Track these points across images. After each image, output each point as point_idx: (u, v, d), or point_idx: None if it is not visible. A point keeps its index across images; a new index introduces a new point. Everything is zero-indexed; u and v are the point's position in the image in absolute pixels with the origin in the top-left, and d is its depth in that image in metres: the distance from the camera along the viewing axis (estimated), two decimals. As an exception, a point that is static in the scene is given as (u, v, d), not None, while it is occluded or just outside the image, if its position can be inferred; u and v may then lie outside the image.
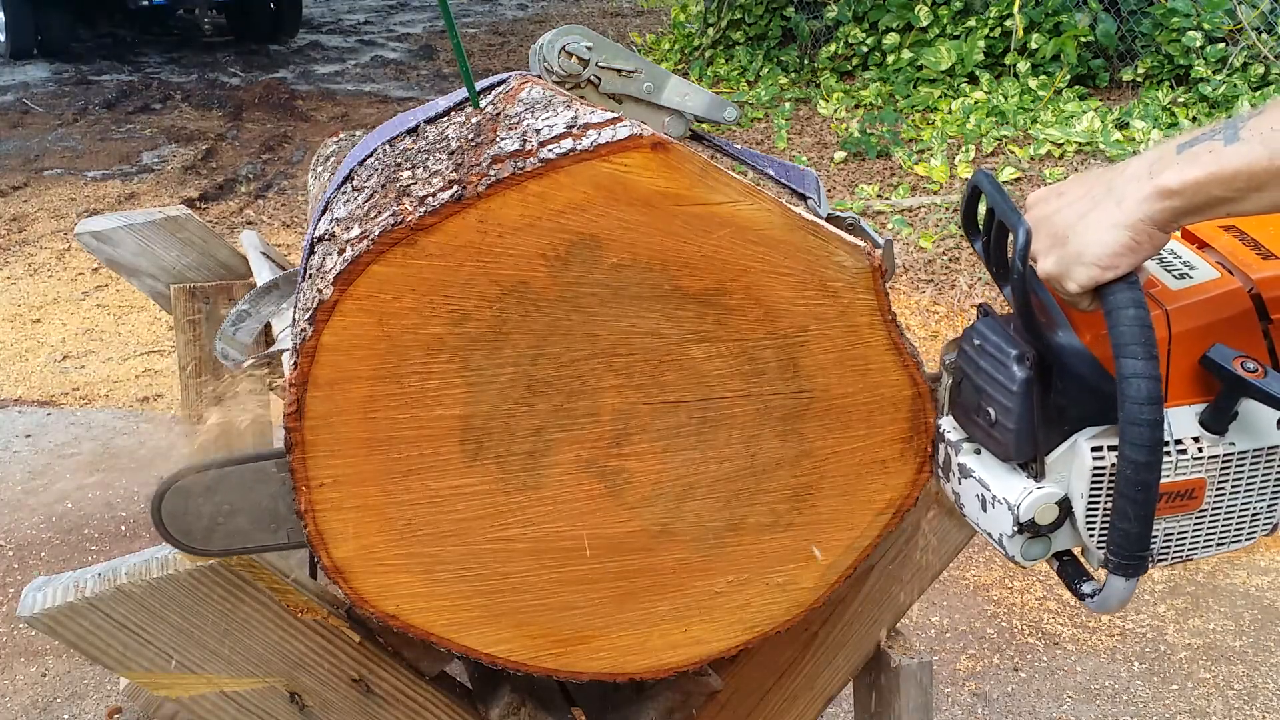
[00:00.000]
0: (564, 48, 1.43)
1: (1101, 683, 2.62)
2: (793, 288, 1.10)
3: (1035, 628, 2.82)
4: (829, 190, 5.40)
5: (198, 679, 1.23)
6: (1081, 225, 0.98)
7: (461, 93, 1.28)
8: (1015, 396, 1.04)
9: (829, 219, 1.38)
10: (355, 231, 1.05)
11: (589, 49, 1.44)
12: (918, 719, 1.56)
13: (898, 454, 1.20)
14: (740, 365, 1.12)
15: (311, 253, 1.21)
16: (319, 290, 1.02)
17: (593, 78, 1.46)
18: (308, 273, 1.18)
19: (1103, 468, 1.04)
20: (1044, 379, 1.04)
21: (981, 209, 1.08)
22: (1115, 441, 1.00)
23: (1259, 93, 5.80)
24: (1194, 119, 5.68)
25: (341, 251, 1.04)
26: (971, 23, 6.79)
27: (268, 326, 1.67)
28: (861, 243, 1.12)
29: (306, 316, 1.02)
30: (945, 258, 4.93)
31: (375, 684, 1.31)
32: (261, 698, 1.27)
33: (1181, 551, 1.10)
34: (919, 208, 5.38)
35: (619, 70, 1.47)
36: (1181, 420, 1.04)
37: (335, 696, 1.30)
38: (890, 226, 5.16)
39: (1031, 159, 5.59)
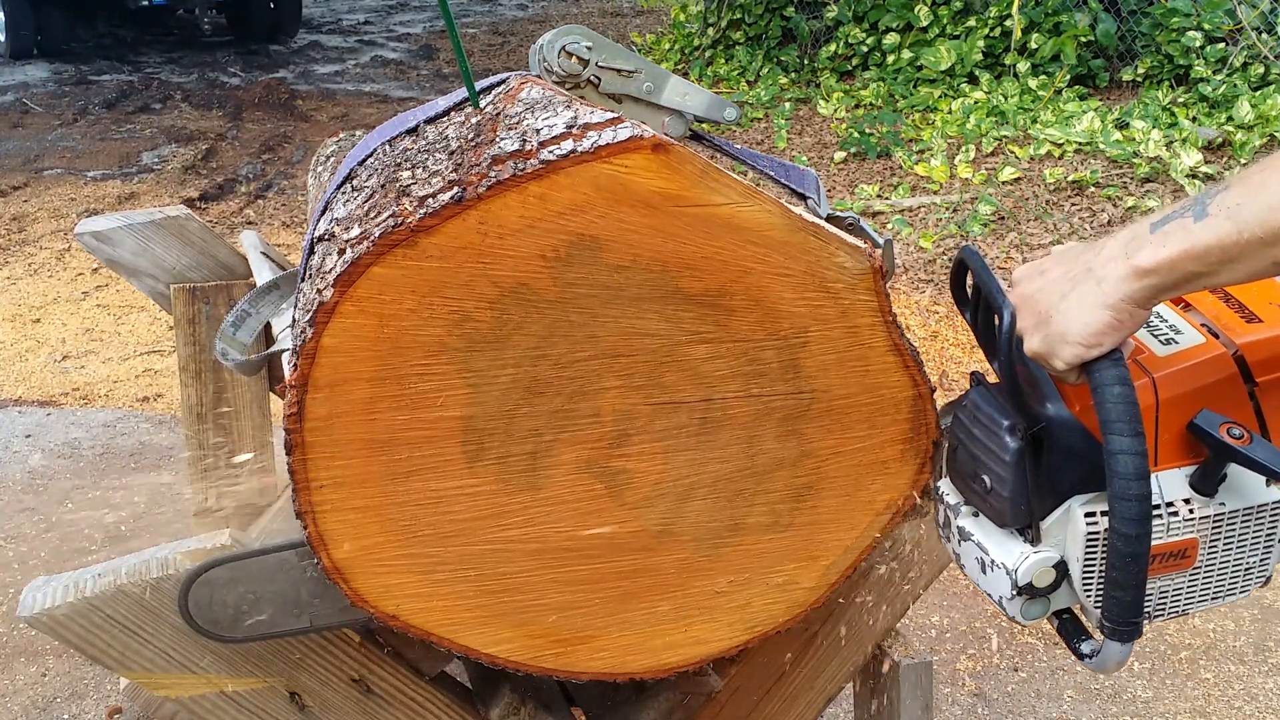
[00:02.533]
0: (564, 48, 1.43)
1: (1101, 683, 2.62)
2: (793, 289, 1.10)
3: (1035, 627, 2.82)
4: (829, 190, 5.40)
5: (198, 679, 1.23)
6: (1064, 305, 1.01)
7: (461, 93, 1.28)
8: (1009, 466, 1.06)
9: (829, 219, 1.38)
10: (355, 232, 1.05)
11: (589, 49, 1.44)
12: (918, 719, 1.56)
13: (898, 455, 1.20)
14: (741, 366, 1.12)
15: (311, 253, 1.21)
16: (319, 292, 1.01)
17: (593, 78, 1.46)
18: (308, 273, 1.18)
19: (1096, 533, 1.07)
20: (1036, 448, 1.07)
21: (969, 280, 1.11)
22: (1107, 507, 1.02)
23: (1259, 93, 5.80)
24: (1194, 119, 5.68)
25: (341, 252, 1.04)
26: (971, 23, 6.79)
27: (268, 326, 1.66)
28: (862, 243, 1.12)
29: (306, 318, 1.02)
30: (945, 258, 4.93)
31: (375, 684, 1.31)
32: (261, 698, 1.27)
33: (1177, 608, 1.12)
34: (919, 208, 5.38)
35: (619, 70, 1.47)
36: (1172, 483, 1.07)
37: (335, 696, 1.30)
38: (890, 226, 5.16)
39: (1031, 159, 5.59)
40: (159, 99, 8.31)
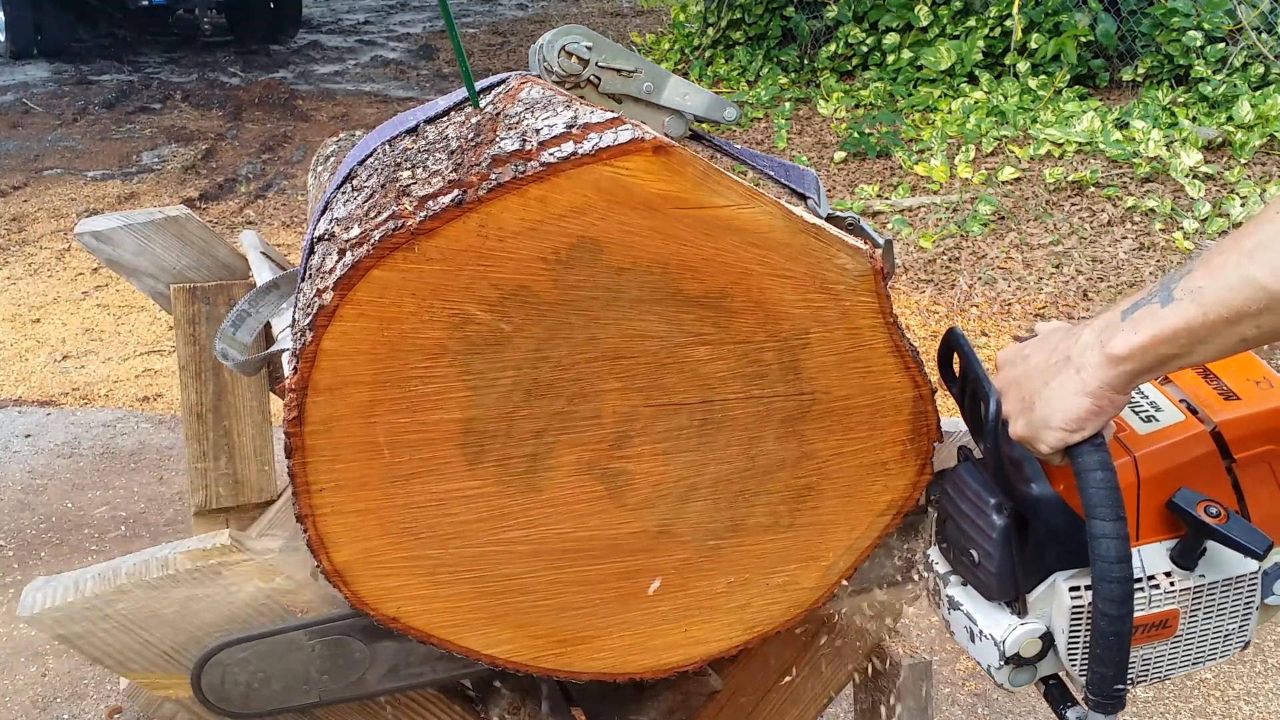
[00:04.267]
0: (564, 47, 1.43)
1: (1101, 683, 2.62)
2: (794, 290, 1.10)
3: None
4: (829, 190, 5.40)
5: (198, 680, 1.23)
6: (1047, 392, 1.03)
7: (461, 92, 1.28)
8: (995, 543, 1.10)
9: (829, 219, 1.37)
10: (355, 232, 1.04)
11: (589, 49, 1.44)
12: (918, 719, 1.56)
13: (899, 455, 1.20)
14: (741, 367, 1.12)
15: (311, 253, 1.21)
16: (319, 294, 1.01)
17: (592, 78, 1.46)
18: (307, 273, 1.18)
19: (1081, 606, 1.10)
20: (1021, 526, 1.10)
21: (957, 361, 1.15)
22: (1090, 583, 1.05)
23: (1259, 93, 5.80)
24: (1194, 119, 5.68)
25: (341, 253, 1.03)
26: (971, 23, 6.79)
27: (268, 326, 1.66)
28: (862, 244, 1.12)
29: (306, 321, 1.02)
30: (945, 258, 4.93)
31: (376, 685, 1.31)
32: (262, 699, 1.27)
33: (1159, 673, 1.16)
34: (919, 208, 5.38)
35: (619, 70, 1.47)
36: (1153, 557, 1.10)
37: (336, 698, 1.30)
38: (890, 226, 5.16)
39: (1031, 159, 5.59)
40: (159, 99, 8.31)
